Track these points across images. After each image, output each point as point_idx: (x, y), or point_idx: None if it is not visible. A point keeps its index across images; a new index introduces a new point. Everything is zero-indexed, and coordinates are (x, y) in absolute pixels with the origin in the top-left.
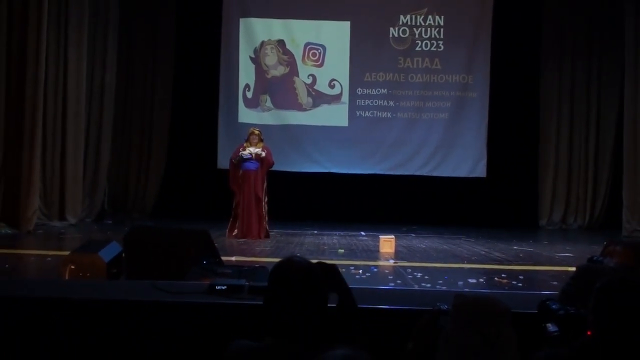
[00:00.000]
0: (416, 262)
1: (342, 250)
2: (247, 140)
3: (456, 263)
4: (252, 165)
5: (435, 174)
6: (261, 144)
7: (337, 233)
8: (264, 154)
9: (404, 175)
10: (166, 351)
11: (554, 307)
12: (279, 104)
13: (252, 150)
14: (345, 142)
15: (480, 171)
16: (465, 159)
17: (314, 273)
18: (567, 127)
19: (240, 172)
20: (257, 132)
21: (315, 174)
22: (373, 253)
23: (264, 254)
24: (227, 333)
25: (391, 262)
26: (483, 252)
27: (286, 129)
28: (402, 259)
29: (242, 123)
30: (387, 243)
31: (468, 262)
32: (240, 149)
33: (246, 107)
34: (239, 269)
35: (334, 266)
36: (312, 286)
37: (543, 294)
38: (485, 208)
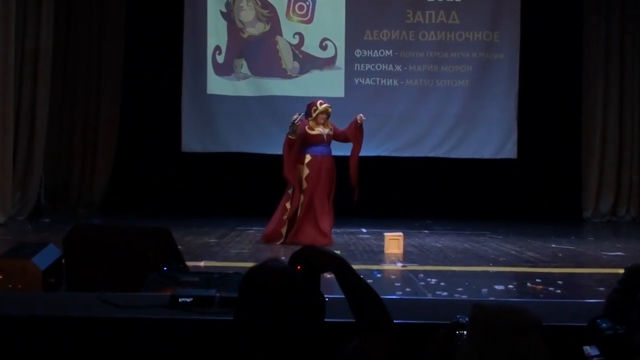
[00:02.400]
0: (430, 265)
1: (339, 252)
2: (314, 118)
3: (479, 266)
4: (324, 150)
5: (453, 155)
6: (329, 124)
7: (332, 230)
8: (332, 133)
9: (415, 158)
10: None
11: (603, 326)
12: (257, 71)
13: (322, 130)
14: (341, 117)
15: (510, 152)
16: (491, 136)
17: (294, 280)
18: (616, 96)
19: (308, 158)
20: (329, 109)
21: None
22: (376, 254)
23: (240, 257)
24: (193, 356)
25: (399, 265)
26: (513, 252)
27: (267, 102)
28: (413, 262)
29: (212, 95)
30: (393, 242)
31: (494, 265)
32: (306, 127)
33: (217, 74)
34: (208, 277)
35: (340, 260)
36: (292, 297)
37: (587, 302)
38: (515, 197)
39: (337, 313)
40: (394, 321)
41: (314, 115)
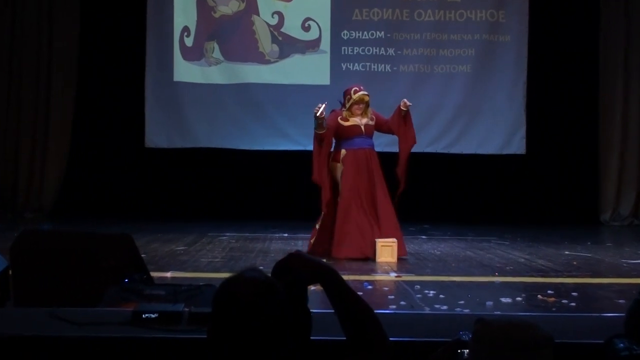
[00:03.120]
0: (427, 275)
1: (324, 260)
2: (348, 109)
3: (484, 276)
4: (363, 142)
5: (453, 151)
6: (368, 112)
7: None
8: (372, 123)
9: (410, 154)
10: None
11: (620, 346)
12: (231, 55)
13: (360, 121)
14: (326, 107)
15: (517, 147)
16: (496, 129)
17: (276, 293)
18: (638, 86)
19: (343, 153)
20: (366, 98)
21: (284, 154)
22: (367, 263)
23: (212, 267)
24: None
25: (392, 275)
26: (522, 260)
27: (242, 90)
28: (408, 271)
29: (179, 83)
30: (386, 249)
31: (500, 274)
32: (339, 119)
33: (185, 59)
34: (176, 289)
35: (329, 270)
36: (273, 312)
37: (605, 317)
38: (524, 198)
39: (326, 330)
40: (392, 338)
41: (347, 105)
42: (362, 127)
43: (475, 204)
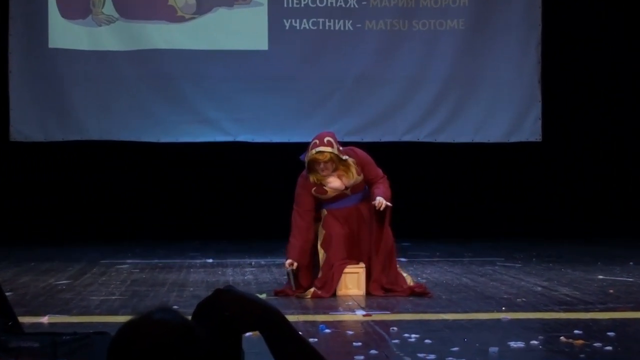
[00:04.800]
0: (408, 312)
1: (264, 295)
2: (311, 171)
3: (486, 311)
4: (349, 201)
5: (441, 139)
6: (349, 165)
7: (253, 261)
8: (360, 178)
9: (381, 144)
10: None
11: None
12: (129, 10)
13: (334, 186)
14: (264, 81)
15: (530, 132)
16: (500, 109)
17: (196, 343)
18: None
19: (324, 212)
20: (327, 154)
21: (207, 148)
22: (326, 299)
23: (107, 308)
24: None
25: (359, 313)
26: (539, 289)
27: (146, 60)
28: (381, 308)
29: (56, 51)
30: (351, 278)
31: (510, 309)
32: (314, 191)
33: (64, 17)
34: (55, 340)
35: (270, 312)
36: None
37: None
38: (540, 203)
39: None
40: None
41: (305, 166)
42: (348, 191)
43: (472, 213)
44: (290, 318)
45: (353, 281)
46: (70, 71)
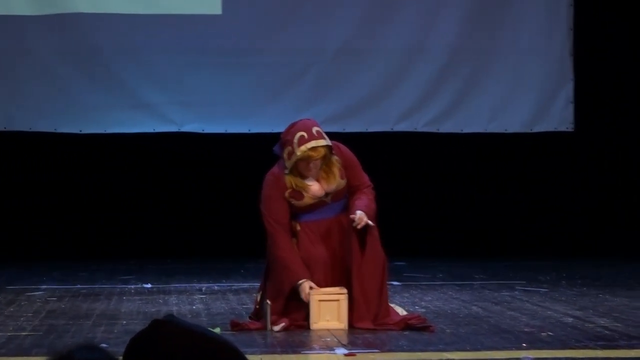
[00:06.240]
0: (402, 351)
1: (218, 329)
2: (293, 171)
3: (503, 349)
4: (328, 212)
5: (444, 129)
6: (336, 168)
7: (203, 286)
8: (343, 183)
9: (370, 135)
10: None
11: None
12: None
13: (314, 191)
14: (217, 55)
15: (560, 120)
16: (521, 92)
17: None
18: None
19: (297, 227)
20: (320, 152)
21: (145, 140)
22: (296, 333)
23: (14, 347)
24: None
25: (340, 353)
26: (570, 320)
27: (65, 27)
28: (367, 345)
29: None
30: (329, 307)
31: (531, 345)
32: (288, 194)
33: None
34: None
35: (225, 349)
36: None
37: None
38: (572, 208)
39: None
40: None
41: (289, 165)
42: (328, 199)
43: (485, 224)
44: (252, 358)
45: (332, 311)
46: None
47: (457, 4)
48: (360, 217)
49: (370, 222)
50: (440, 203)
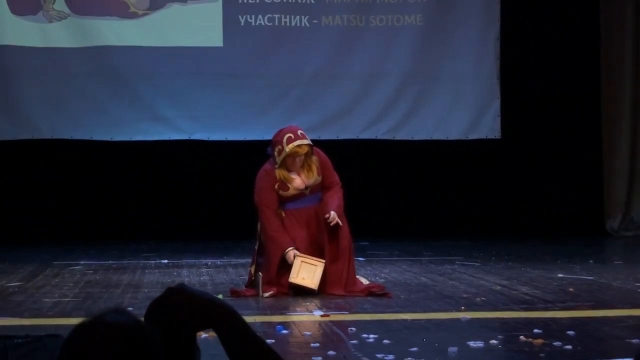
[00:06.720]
0: (366, 312)
1: (221, 296)
2: (281, 165)
3: (446, 311)
4: (309, 201)
5: (399, 137)
6: (314, 166)
7: (209, 262)
8: (320, 179)
9: (338, 142)
10: None
11: None
12: (81, 6)
13: (296, 184)
14: (219, 78)
15: (490, 129)
16: (459, 105)
17: (149, 344)
18: None
19: (282, 214)
20: (304, 150)
21: (161, 146)
22: (280, 299)
23: (60, 310)
24: None
25: (317, 314)
26: (498, 288)
27: (98, 56)
28: (339, 308)
29: (6, 47)
30: (308, 268)
31: (469, 309)
32: (277, 186)
33: (14, 13)
34: (6, 343)
35: (225, 311)
36: None
37: None
38: (499, 201)
39: None
40: None
41: (279, 161)
42: (307, 191)
43: (431, 211)
44: (247, 319)
45: (309, 272)
46: (21, 68)
47: (408, 38)
48: (333, 216)
49: (339, 222)
50: (396, 195)
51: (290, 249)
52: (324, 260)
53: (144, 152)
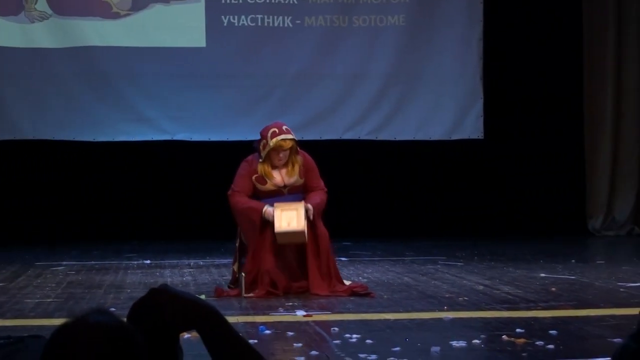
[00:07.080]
0: (349, 312)
1: (204, 296)
2: (265, 160)
3: (428, 311)
4: (284, 201)
5: (382, 137)
6: (297, 165)
7: (191, 262)
8: (301, 181)
9: (321, 142)
10: None
11: None
12: (63, 6)
13: (276, 181)
14: (202, 79)
15: (472, 130)
16: (442, 106)
17: (131, 345)
18: (634, 37)
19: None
20: (288, 144)
21: (143, 147)
22: (265, 300)
23: (42, 311)
24: None
25: (300, 314)
26: (480, 288)
27: (81, 57)
28: (322, 308)
29: None
30: (289, 214)
31: (452, 309)
32: (255, 178)
33: None
34: None
35: (208, 312)
36: None
37: None
38: (482, 201)
39: None
40: None
41: (263, 155)
42: (285, 190)
43: (414, 212)
44: (230, 319)
45: (292, 218)
46: (2, 69)
47: (391, 38)
48: (310, 210)
49: (311, 218)
50: (379, 195)
51: (265, 207)
52: (302, 202)
53: (126, 153)
